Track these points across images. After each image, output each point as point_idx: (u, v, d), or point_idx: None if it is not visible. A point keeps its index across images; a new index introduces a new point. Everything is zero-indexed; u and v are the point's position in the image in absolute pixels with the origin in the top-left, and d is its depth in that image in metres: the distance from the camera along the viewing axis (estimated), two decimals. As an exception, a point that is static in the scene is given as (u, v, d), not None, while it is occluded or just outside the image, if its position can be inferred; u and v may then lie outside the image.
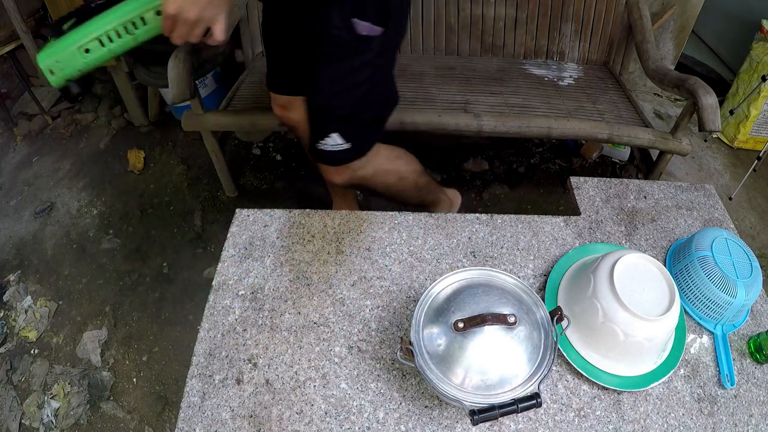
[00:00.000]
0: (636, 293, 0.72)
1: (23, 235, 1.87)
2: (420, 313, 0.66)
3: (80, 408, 1.41)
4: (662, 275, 0.75)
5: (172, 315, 1.61)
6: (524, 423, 0.70)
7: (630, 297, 0.71)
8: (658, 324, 0.70)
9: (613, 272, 0.73)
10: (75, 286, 1.70)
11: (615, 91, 1.77)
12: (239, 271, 0.86)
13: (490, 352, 0.61)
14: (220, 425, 0.69)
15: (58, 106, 2.37)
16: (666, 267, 0.89)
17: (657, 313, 0.71)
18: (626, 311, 0.70)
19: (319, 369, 0.74)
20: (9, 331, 1.59)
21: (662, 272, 0.75)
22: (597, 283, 0.74)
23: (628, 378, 0.74)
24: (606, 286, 0.72)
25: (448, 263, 0.88)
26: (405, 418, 0.69)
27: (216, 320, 0.80)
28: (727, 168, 2.15)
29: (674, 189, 1.05)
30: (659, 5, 2.03)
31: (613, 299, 0.71)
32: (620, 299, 0.70)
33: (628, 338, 0.71)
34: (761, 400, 0.75)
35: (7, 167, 2.14)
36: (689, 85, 1.38)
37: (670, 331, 0.74)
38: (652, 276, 0.75)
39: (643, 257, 0.77)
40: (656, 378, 0.75)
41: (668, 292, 0.73)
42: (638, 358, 0.75)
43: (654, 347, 0.74)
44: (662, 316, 0.70)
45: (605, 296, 0.72)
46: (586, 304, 0.75)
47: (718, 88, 1.96)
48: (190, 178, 2.05)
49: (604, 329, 0.72)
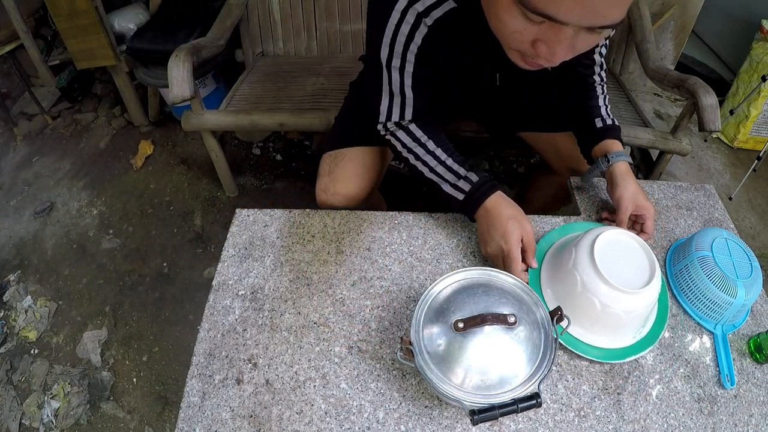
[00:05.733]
0: (616, 267, 0.75)
1: (23, 235, 1.87)
2: (420, 313, 0.66)
3: (80, 408, 1.41)
4: (643, 251, 0.77)
5: (172, 315, 1.61)
6: (524, 423, 0.70)
7: (609, 270, 0.73)
8: (636, 297, 0.72)
9: (593, 246, 0.75)
10: (75, 286, 1.70)
11: (615, 91, 1.77)
12: (239, 271, 0.86)
13: (490, 352, 0.61)
14: (220, 425, 0.69)
15: (58, 106, 2.38)
16: (666, 267, 0.89)
17: (636, 286, 0.73)
18: (605, 283, 0.72)
19: (319, 369, 0.74)
20: (9, 331, 1.59)
21: (644, 248, 0.77)
22: (578, 255, 0.76)
23: (606, 350, 0.76)
24: (586, 258, 0.75)
25: (448, 263, 0.88)
26: (405, 418, 0.69)
27: (216, 320, 0.80)
28: (727, 168, 2.15)
29: (674, 189, 1.05)
30: (659, 5, 2.03)
31: (593, 271, 0.73)
32: (599, 271, 0.72)
33: (606, 309, 0.73)
34: (761, 400, 0.75)
35: (7, 167, 2.15)
36: (689, 85, 1.38)
37: (649, 306, 0.76)
38: (633, 251, 0.77)
39: (624, 233, 0.79)
40: (634, 352, 0.76)
41: (648, 267, 0.75)
42: (616, 330, 0.77)
43: (632, 320, 0.76)
44: (640, 290, 0.72)
45: (585, 268, 0.74)
46: (566, 276, 0.77)
47: (718, 88, 1.96)
48: (190, 178, 2.05)
49: (583, 299, 0.74)
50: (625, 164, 0.92)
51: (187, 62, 1.41)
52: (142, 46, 1.88)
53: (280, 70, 1.87)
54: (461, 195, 0.87)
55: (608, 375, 0.75)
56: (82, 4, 1.77)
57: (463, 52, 0.87)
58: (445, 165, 0.90)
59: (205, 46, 1.57)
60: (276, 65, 1.90)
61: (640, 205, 0.89)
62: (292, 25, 1.90)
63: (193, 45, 1.50)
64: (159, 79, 1.91)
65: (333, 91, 1.73)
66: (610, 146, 0.94)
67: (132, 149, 2.16)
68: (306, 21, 1.89)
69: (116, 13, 2.02)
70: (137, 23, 2.03)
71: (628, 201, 0.89)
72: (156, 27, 1.95)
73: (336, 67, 1.86)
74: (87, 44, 1.89)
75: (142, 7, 2.11)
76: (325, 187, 1.05)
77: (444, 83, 0.94)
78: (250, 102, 1.70)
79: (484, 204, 0.85)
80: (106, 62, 1.97)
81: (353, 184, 1.05)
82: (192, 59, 1.44)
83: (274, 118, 1.59)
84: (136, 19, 2.04)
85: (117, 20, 2.00)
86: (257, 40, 1.93)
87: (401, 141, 0.93)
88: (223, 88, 2.09)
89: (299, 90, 1.74)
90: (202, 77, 1.94)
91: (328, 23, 1.90)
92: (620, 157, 0.92)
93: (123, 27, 2.01)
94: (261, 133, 2.18)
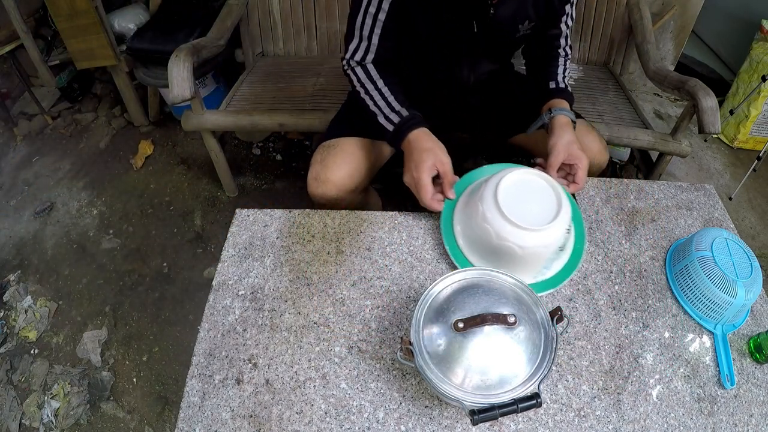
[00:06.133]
0: (522, 204, 0.79)
1: (23, 235, 1.87)
2: (420, 313, 0.66)
3: (80, 408, 1.41)
4: (553, 192, 0.81)
5: (172, 315, 1.61)
6: (524, 423, 0.70)
7: (510, 206, 0.78)
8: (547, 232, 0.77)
9: (500, 182, 0.80)
10: (75, 286, 1.70)
11: (615, 91, 1.77)
12: (239, 271, 0.86)
13: (490, 352, 0.61)
14: (220, 425, 0.69)
15: (58, 106, 2.37)
16: (666, 267, 0.89)
17: (536, 224, 0.77)
18: (503, 217, 0.77)
19: (319, 369, 0.74)
20: (9, 331, 1.59)
21: (554, 189, 0.81)
22: (485, 191, 0.81)
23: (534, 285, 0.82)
24: (491, 194, 0.79)
25: (448, 263, 0.88)
26: (405, 418, 0.69)
27: (216, 320, 0.80)
28: (727, 168, 2.15)
29: (674, 189, 1.05)
30: (659, 5, 2.03)
31: (493, 205, 0.78)
32: (499, 205, 0.77)
33: (502, 242, 0.77)
34: (761, 400, 0.75)
35: (7, 167, 2.14)
36: (689, 87, 1.38)
37: (548, 246, 0.80)
38: (542, 192, 0.82)
39: (529, 172, 0.83)
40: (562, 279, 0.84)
41: (555, 209, 0.79)
42: (514, 265, 0.80)
43: (530, 257, 0.80)
44: (537, 228, 0.77)
45: (488, 202, 0.79)
46: (473, 210, 0.81)
47: (718, 88, 1.96)
48: (190, 178, 2.05)
49: (482, 231, 0.79)
50: (565, 117, 0.99)
51: (187, 62, 1.41)
52: (142, 46, 1.88)
53: (280, 70, 1.87)
54: (391, 126, 0.95)
55: (608, 375, 0.75)
56: (82, 4, 1.77)
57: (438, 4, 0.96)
58: (386, 101, 0.98)
59: (205, 46, 1.57)
60: (276, 65, 1.90)
61: (572, 154, 0.93)
62: (292, 25, 1.90)
63: (193, 45, 1.50)
64: (159, 79, 1.91)
65: (333, 92, 1.73)
66: (556, 104, 1.01)
67: (132, 149, 2.16)
68: (306, 21, 1.89)
69: (116, 13, 2.02)
70: (137, 23, 2.03)
71: (560, 147, 0.94)
72: (156, 27, 1.95)
73: (336, 67, 1.86)
74: (87, 44, 1.89)
75: (142, 7, 2.11)
76: (316, 175, 1.06)
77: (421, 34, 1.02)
78: (250, 102, 1.70)
79: (408, 136, 0.93)
80: (106, 62, 1.97)
81: (343, 171, 1.05)
82: (192, 59, 1.44)
83: (274, 118, 1.59)
84: (136, 19, 2.04)
85: (117, 20, 2.00)
86: (257, 40, 1.93)
87: (357, 76, 1.02)
88: (223, 88, 2.09)
89: (299, 90, 1.74)
90: (202, 77, 1.94)
91: (328, 23, 1.89)
92: (562, 111, 0.99)
93: (123, 27, 2.01)
94: (261, 133, 2.18)
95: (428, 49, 1.08)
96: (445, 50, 1.07)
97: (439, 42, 1.04)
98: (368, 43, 1.00)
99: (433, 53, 1.09)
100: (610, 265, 0.89)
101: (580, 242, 0.88)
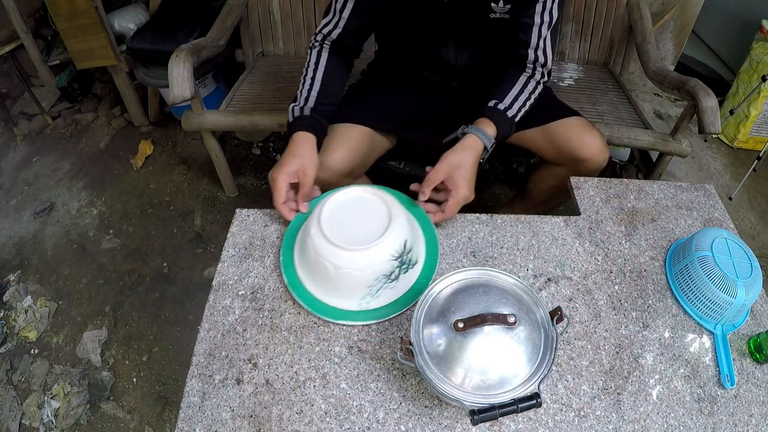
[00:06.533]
0: (349, 224, 0.76)
1: (23, 235, 1.87)
2: (420, 313, 0.66)
3: (80, 408, 1.41)
4: (386, 211, 0.78)
5: (172, 315, 1.61)
6: (524, 423, 0.70)
7: (337, 228, 0.75)
8: (364, 254, 0.73)
9: (325, 205, 0.78)
10: (75, 286, 1.70)
11: (615, 92, 1.77)
12: (239, 271, 0.86)
13: (490, 352, 0.61)
14: (220, 425, 0.69)
15: (58, 106, 2.37)
16: (666, 267, 0.89)
17: (365, 243, 0.73)
18: (328, 242, 0.73)
19: (319, 369, 0.74)
20: (9, 331, 1.59)
21: (388, 208, 0.78)
22: (311, 218, 0.78)
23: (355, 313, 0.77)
24: (315, 219, 0.77)
25: (448, 263, 0.88)
26: (405, 418, 0.69)
27: (216, 320, 0.80)
28: (727, 168, 2.15)
29: (674, 189, 1.05)
30: (659, 5, 2.03)
31: (319, 232, 0.75)
32: (322, 230, 0.74)
33: (340, 271, 0.73)
34: (761, 400, 0.75)
35: (7, 167, 2.15)
36: (689, 87, 1.38)
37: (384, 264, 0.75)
38: (374, 210, 0.78)
39: (367, 190, 0.81)
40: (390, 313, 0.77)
41: (384, 226, 0.75)
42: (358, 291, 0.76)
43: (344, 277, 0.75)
44: (367, 247, 0.72)
45: (316, 231, 0.76)
46: (305, 242, 0.79)
47: (718, 88, 1.96)
48: (190, 178, 2.05)
49: (318, 266, 0.75)
50: (475, 140, 0.91)
51: (187, 62, 1.41)
52: (142, 46, 1.88)
53: (280, 70, 1.87)
54: (291, 117, 0.98)
55: (608, 375, 0.75)
56: (82, 4, 1.77)
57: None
58: (309, 92, 1.01)
59: (206, 46, 1.57)
60: (276, 65, 1.90)
61: (453, 179, 0.86)
62: (292, 25, 1.90)
63: (193, 45, 1.50)
64: (159, 79, 1.91)
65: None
66: (480, 123, 0.95)
67: (132, 149, 2.16)
68: (306, 21, 1.89)
69: (116, 13, 2.02)
70: (137, 23, 2.03)
71: (445, 166, 0.87)
72: (156, 27, 1.95)
73: (336, 67, 1.86)
74: (87, 44, 1.89)
75: (142, 7, 2.11)
76: None
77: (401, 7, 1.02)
78: (250, 102, 1.70)
79: (294, 134, 0.94)
80: (106, 62, 1.97)
81: (336, 155, 1.06)
82: (192, 59, 1.44)
83: (274, 118, 1.59)
84: (136, 19, 2.04)
85: (117, 20, 2.00)
86: (257, 40, 1.93)
87: (309, 57, 1.06)
88: (223, 88, 2.09)
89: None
90: (202, 77, 1.94)
91: (328, 23, 1.89)
92: (478, 132, 0.92)
93: (123, 27, 2.01)
94: (261, 133, 2.18)
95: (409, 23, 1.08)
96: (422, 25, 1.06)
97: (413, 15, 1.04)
98: (339, 17, 1.03)
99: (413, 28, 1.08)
100: (610, 265, 0.89)
101: (425, 278, 0.81)
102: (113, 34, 1.94)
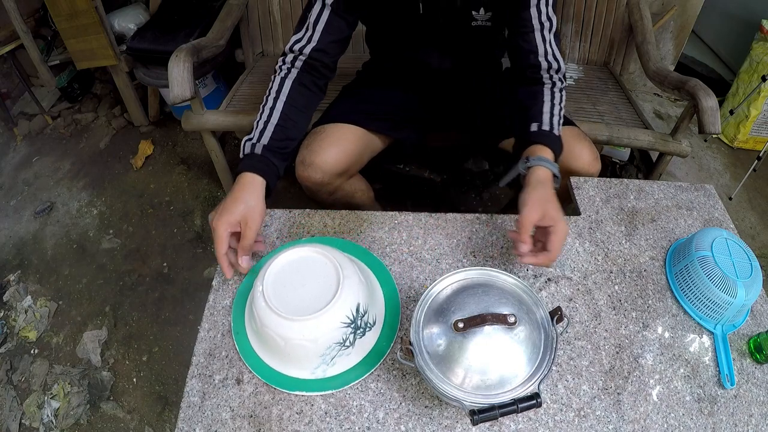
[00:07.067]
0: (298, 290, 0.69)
1: (23, 235, 1.87)
2: (420, 313, 0.66)
3: (80, 408, 1.41)
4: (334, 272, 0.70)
5: (172, 315, 1.61)
6: (524, 423, 0.70)
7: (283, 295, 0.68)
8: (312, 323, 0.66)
9: (270, 268, 0.71)
10: (75, 286, 1.70)
11: (615, 92, 1.77)
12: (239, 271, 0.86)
13: (490, 352, 0.61)
14: (220, 425, 0.69)
15: (58, 106, 2.37)
16: (666, 267, 0.89)
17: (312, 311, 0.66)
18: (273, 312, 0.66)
19: (319, 369, 0.74)
20: (9, 331, 1.59)
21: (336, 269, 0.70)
22: (256, 284, 0.71)
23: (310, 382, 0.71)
24: (260, 284, 0.69)
25: (448, 263, 0.88)
26: (405, 418, 0.69)
27: (216, 320, 0.80)
28: (727, 168, 2.15)
29: (674, 189, 1.05)
30: (659, 5, 2.03)
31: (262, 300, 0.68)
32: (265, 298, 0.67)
33: (288, 342, 0.67)
34: (761, 400, 0.75)
35: (7, 167, 2.15)
36: (690, 87, 1.38)
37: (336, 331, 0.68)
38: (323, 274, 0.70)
39: (314, 249, 0.72)
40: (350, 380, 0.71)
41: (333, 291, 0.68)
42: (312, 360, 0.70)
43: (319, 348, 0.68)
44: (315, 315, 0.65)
45: (258, 299, 0.68)
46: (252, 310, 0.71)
47: (718, 88, 1.96)
48: (190, 178, 2.05)
49: (266, 337, 0.69)
50: (545, 171, 0.84)
51: (187, 62, 1.41)
52: (142, 46, 1.88)
53: (280, 70, 1.86)
54: (242, 154, 0.90)
55: (608, 375, 0.75)
56: (82, 4, 1.77)
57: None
58: (265, 124, 0.92)
59: (205, 46, 1.57)
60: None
61: (548, 215, 0.78)
62: (292, 25, 1.90)
63: (193, 45, 1.50)
64: (159, 79, 1.91)
65: (332, 92, 1.72)
66: (537, 151, 0.88)
67: (132, 149, 2.16)
68: (306, 21, 1.89)
69: (116, 13, 2.02)
70: (137, 23, 2.03)
71: (533, 204, 0.79)
72: (156, 27, 1.95)
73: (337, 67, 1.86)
74: (87, 44, 1.89)
75: (142, 7, 2.11)
76: (303, 159, 1.06)
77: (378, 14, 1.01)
78: (250, 102, 1.70)
79: (242, 173, 0.85)
80: (106, 62, 1.97)
81: (329, 155, 1.05)
82: (192, 59, 1.44)
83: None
84: (136, 19, 2.04)
85: (117, 20, 2.00)
86: (257, 40, 1.93)
87: (272, 85, 0.98)
88: (223, 88, 2.09)
89: (299, 90, 1.74)
90: (202, 77, 1.94)
91: (328, 23, 1.89)
92: (542, 162, 0.85)
93: (123, 27, 2.01)
94: (261, 133, 2.17)
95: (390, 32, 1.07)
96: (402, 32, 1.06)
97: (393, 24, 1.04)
98: (312, 31, 0.98)
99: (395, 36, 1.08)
100: (610, 265, 0.89)
101: (386, 338, 0.75)
102: (113, 34, 1.94)
